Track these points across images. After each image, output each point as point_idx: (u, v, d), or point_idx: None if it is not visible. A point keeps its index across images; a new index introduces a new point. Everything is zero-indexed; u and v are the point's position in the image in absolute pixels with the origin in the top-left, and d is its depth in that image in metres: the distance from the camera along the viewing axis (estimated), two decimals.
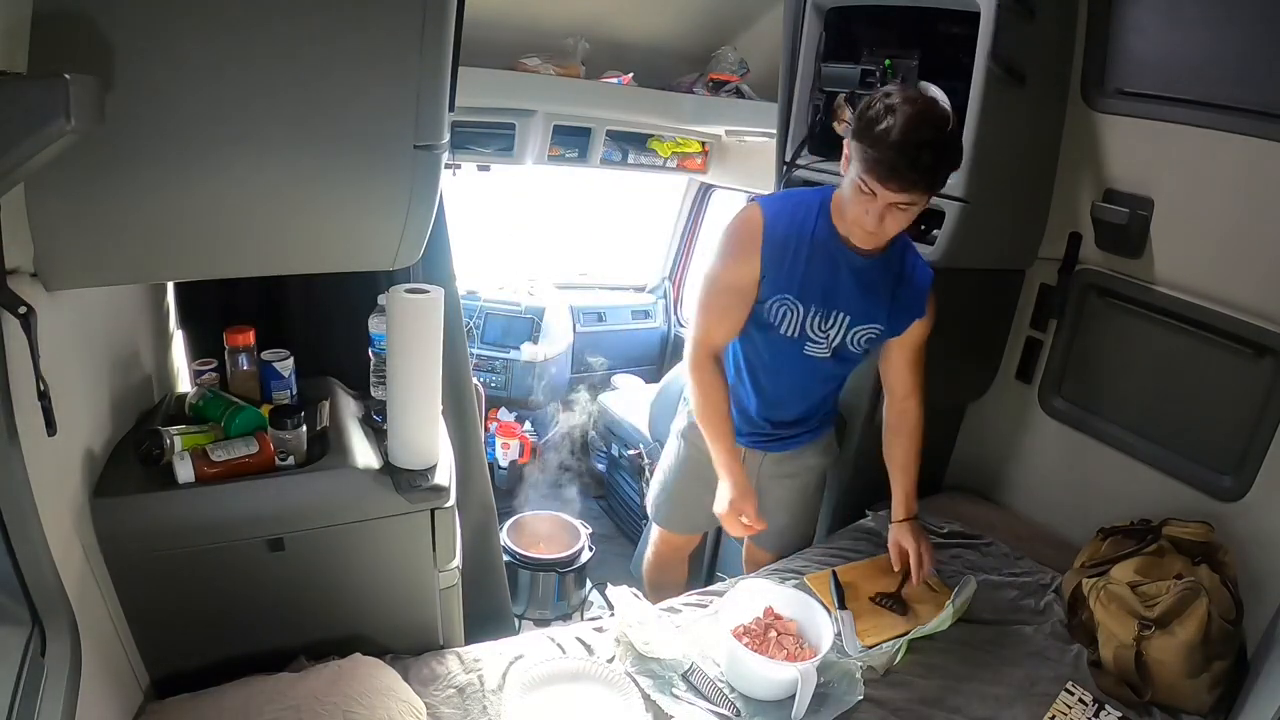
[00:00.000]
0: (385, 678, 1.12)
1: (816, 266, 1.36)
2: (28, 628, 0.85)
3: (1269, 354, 1.43)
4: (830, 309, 1.39)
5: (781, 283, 1.37)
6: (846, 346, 1.44)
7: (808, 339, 1.42)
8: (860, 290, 1.38)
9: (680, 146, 2.89)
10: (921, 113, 1.17)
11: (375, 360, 1.41)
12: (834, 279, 1.37)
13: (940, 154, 1.19)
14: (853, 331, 1.42)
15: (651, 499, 1.81)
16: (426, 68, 0.94)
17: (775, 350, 1.46)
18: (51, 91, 0.62)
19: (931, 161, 1.18)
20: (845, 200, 1.29)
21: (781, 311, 1.39)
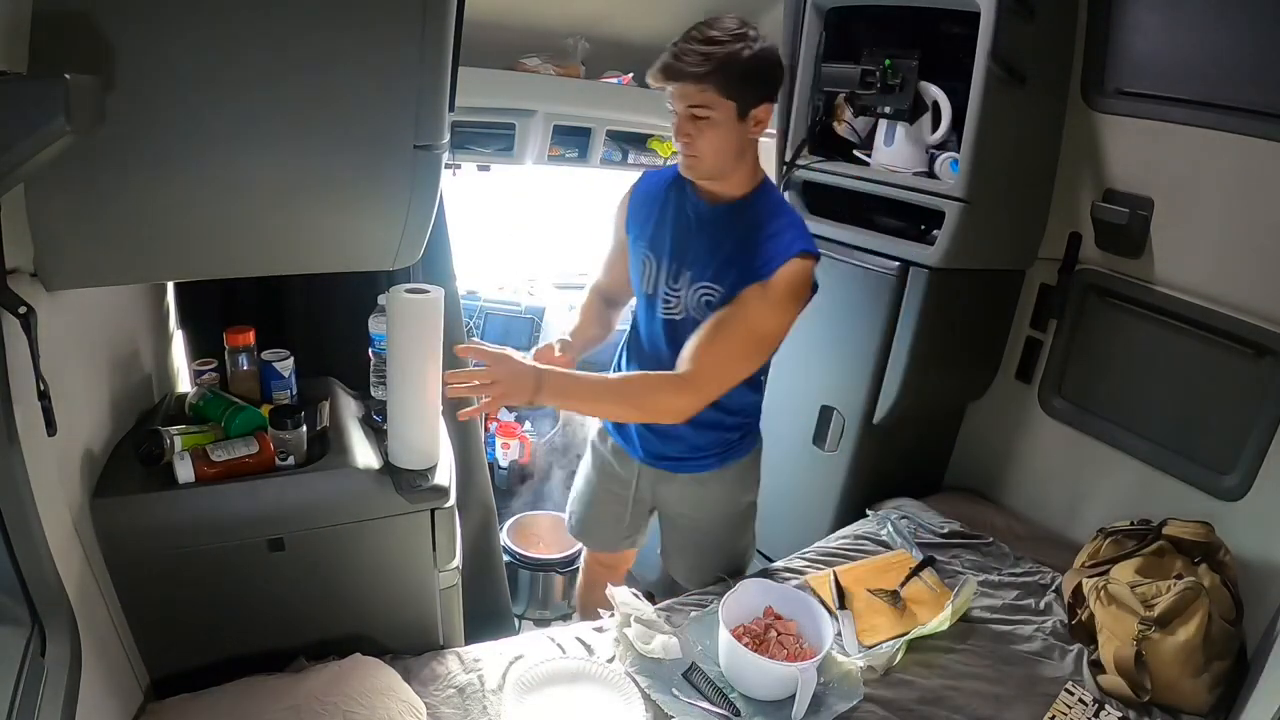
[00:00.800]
0: (385, 678, 1.12)
1: (669, 217, 1.34)
2: (28, 628, 0.85)
3: (1269, 354, 1.43)
4: (679, 267, 1.31)
5: (637, 234, 1.38)
6: (689, 310, 1.30)
7: (661, 298, 1.34)
8: (704, 241, 1.29)
9: None
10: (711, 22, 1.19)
11: (375, 360, 1.41)
12: (684, 234, 1.32)
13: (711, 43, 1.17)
14: (693, 289, 1.29)
15: (568, 512, 1.69)
16: (426, 68, 0.94)
17: (642, 309, 1.40)
18: (51, 91, 0.62)
19: (700, 48, 1.16)
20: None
21: (640, 263, 1.37)
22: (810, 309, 1.29)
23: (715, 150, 1.23)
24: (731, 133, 1.22)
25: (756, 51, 1.20)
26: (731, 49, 1.17)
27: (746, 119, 1.22)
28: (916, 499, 1.88)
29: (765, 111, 1.23)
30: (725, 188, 1.29)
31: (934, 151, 1.68)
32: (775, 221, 1.27)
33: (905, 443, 1.94)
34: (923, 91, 1.62)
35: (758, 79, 1.20)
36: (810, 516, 1.96)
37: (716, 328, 1.23)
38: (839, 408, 1.89)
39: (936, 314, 1.71)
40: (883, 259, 1.75)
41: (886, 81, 1.63)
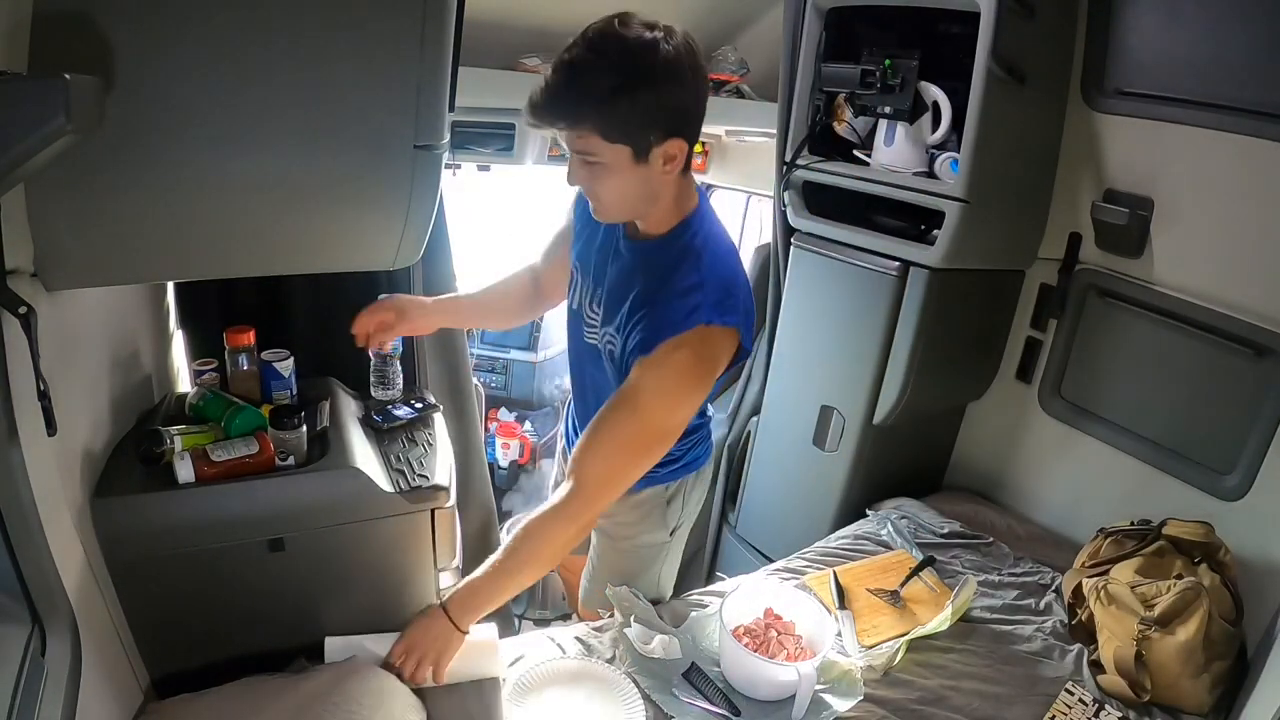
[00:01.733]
0: (385, 678, 1.12)
1: (599, 240, 1.21)
2: (28, 628, 0.85)
3: (1269, 354, 1.43)
4: (596, 291, 1.20)
5: (575, 242, 1.28)
6: (602, 345, 1.19)
7: (585, 319, 1.22)
8: (619, 276, 1.15)
9: None
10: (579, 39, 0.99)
11: (375, 360, 1.42)
12: (606, 256, 1.19)
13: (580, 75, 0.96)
14: (603, 330, 1.17)
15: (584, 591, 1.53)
16: (426, 68, 0.94)
17: (569, 328, 1.31)
18: (51, 91, 0.62)
19: (562, 83, 0.96)
20: None
21: (571, 276, 1.28)
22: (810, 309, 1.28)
23: (617, 197, 1.06)
24: (632, 178, 1.03)
25: (644, 81, 0.96)
26: (603, 82, 0.95)
27: (648, 161, 1.02)
28: (916, 499, 1.88)
29: (675, 147, 1.02)
30: (645, 225, 1.14)
31: (934, 151, 1.68)
32: (686, 276, 1.07)
33: (905, 443, 1.94)
34: (923, 91, 1.62)
35: (649, 118, 0.98)
36: (810, 516, 1.96)
37: (602, 424, 1.09)
38: (839, 408, 1.89)
39: (936, 314, 1.71)
40: (883, 259, 1.75)
41: (886, 81, 1.62)
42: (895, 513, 1.79)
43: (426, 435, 1.35)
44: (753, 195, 3.12)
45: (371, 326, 1.32)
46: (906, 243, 1.71)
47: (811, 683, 1.15)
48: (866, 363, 1.80)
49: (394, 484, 1.20)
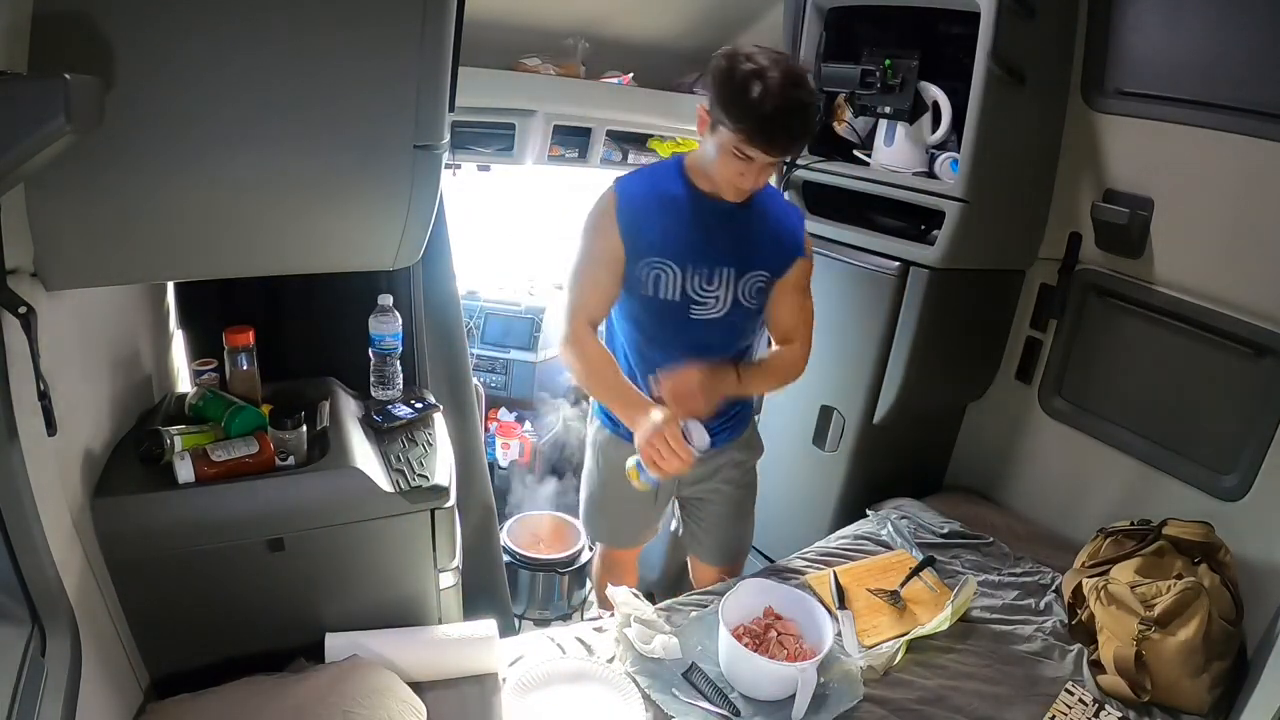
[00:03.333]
0: (385, 678, 1.12)
1: (683, 226, 1.34)
2: (28, 628, 0.85)
3: (1269, 354, 1.44)
4: (712, 266, 1.35)
5: (643, 247, 1.33)
6: (739, 302, 1.39)
7: (692, 301, 1.37)
8: (736, 239, 1.35)
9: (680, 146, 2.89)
10: (788, 75, 1.17)
11: (375, 360, 1.42)
12: (706, 235, 1.34)
13: (810, 111, 1.21)
14: (741, 283, 1.38)
15: (582, 516, 1.75)
16: (426, 68, 0.94)
17: (660, 320, 1.39)
18: (51, 91, 0.62)
19: (804, 121, 1.20)
20: (710, 163, 1.28)
21: (654, 275, 1.35)
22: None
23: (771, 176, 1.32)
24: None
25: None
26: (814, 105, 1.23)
27: None
28: (916, 499, 1.88)
29: None
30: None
31: (934, 151, 1.68)
32: (777, 202, 1.45)
33: (905, 443, 1.94)
34: (923, 91, 1.62)
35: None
36: (810, 516, 1.96)
37: (801, 302, 1.45)
38: (839, 408, 1.89)
39: (936, 314, 1.72)
40: (883, 259, 1.75)
41: (886, 81, 1.63)
42: (895, 513, 1.79)
43: (426, 435, 1.35)
44: None
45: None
46: (906, 242, 1.71)
47: (811, 683, 1.15)
48: (866, 362, 1.80)
49: (394, 484, 1.20)
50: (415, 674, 1.17)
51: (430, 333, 1.62)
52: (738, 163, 1.23)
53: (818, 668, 1.19)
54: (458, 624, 1.28)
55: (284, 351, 1.48)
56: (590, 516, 1.71)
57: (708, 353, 1.40)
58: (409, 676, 1.15)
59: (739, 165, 1.23)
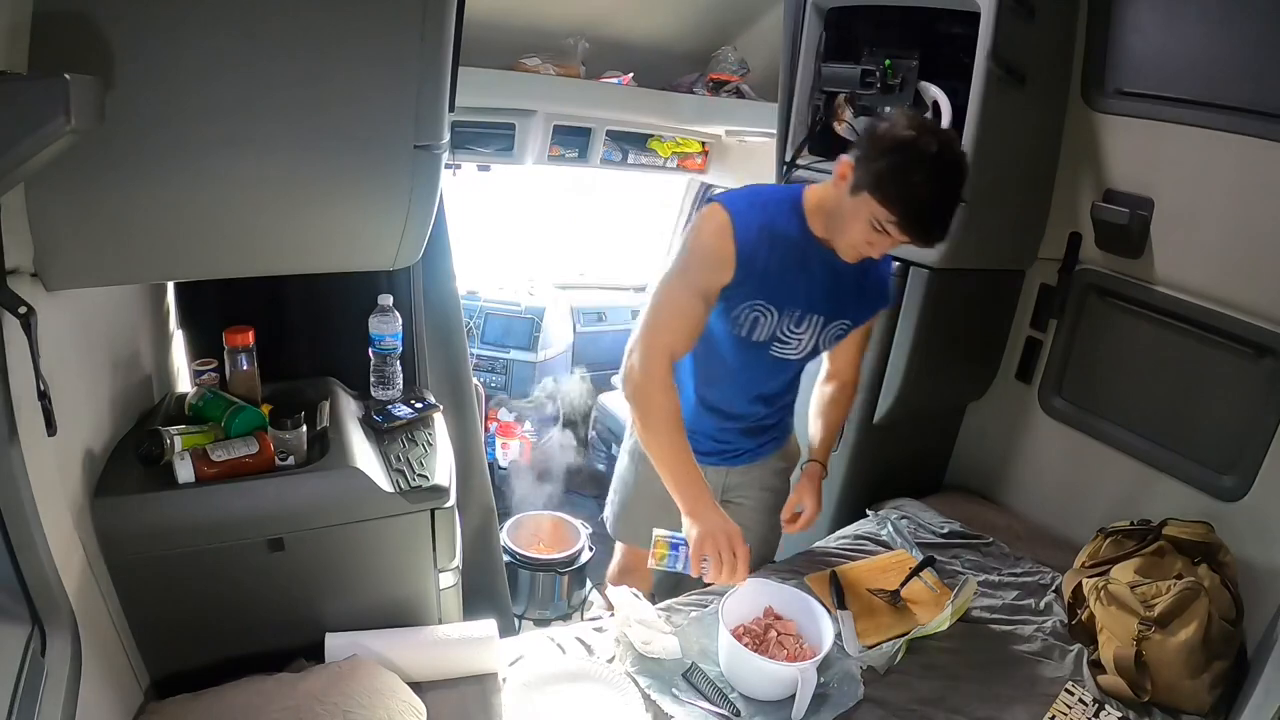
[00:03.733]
0: (385, 678, 1.12)
1: (791, 269, 1.29)
2: (28, 628, 0.85)
3: (1269, 354, 1.43)
4: (805, 311, 1.33)
5: (752, 288, 1.28)
6: (818, 347, 1.40)
7: (776, 340, 1.35)
8: (832, 289, 1.34)
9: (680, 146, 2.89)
10: (949, 165, 1.13)
11: (375, 360, 1.42)
12: (809, 281, 1.31)
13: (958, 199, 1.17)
14: (826, 330, 1.38)
15: (609, 516, 1.72)
16: (426, 68, 0.94)
17: (743, 356, 1.37)
18: (51, 91, 0.62)
19: (953, 209, 1.16)
20: (841, 218, 1.22)
21: (752, 317, 1.31)
22: None
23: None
24: None
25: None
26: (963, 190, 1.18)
27: None
28: (916, 499, 1.88)
29: None
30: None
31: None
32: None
33: (905, 443, 1.94)
34: (923, 91, 1.62)
35: None
36: None
37: (861, 338, 1.49)
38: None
39: (936, 314, 1.72)
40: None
41: (886, 81, 1.63)
42: (895, 513, 1.79)
43: (426, 435, 1.35)
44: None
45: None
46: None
47: (811, 683, 1.15)
48: (866, 362, 1.79)
49: (394, 484, 1.20)
50: (415, 674, 1.17)
51: (430, 333, 1.62)
52: (873, 234, 1.18)
53: (818, 668, 1.19)
54: (458, 624, 1.28)
55: (284, 351, 1.48)
56: (619, 518, 1.69)
57: (766, 386, 1.44)
58: (409, 676, 1.15)
59: (873, 236, 1.19)
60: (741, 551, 1.23)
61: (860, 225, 1.19)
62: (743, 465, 1.55)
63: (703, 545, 1.23)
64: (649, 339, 1.27)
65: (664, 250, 3.56)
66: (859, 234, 1.20)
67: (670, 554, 1.26)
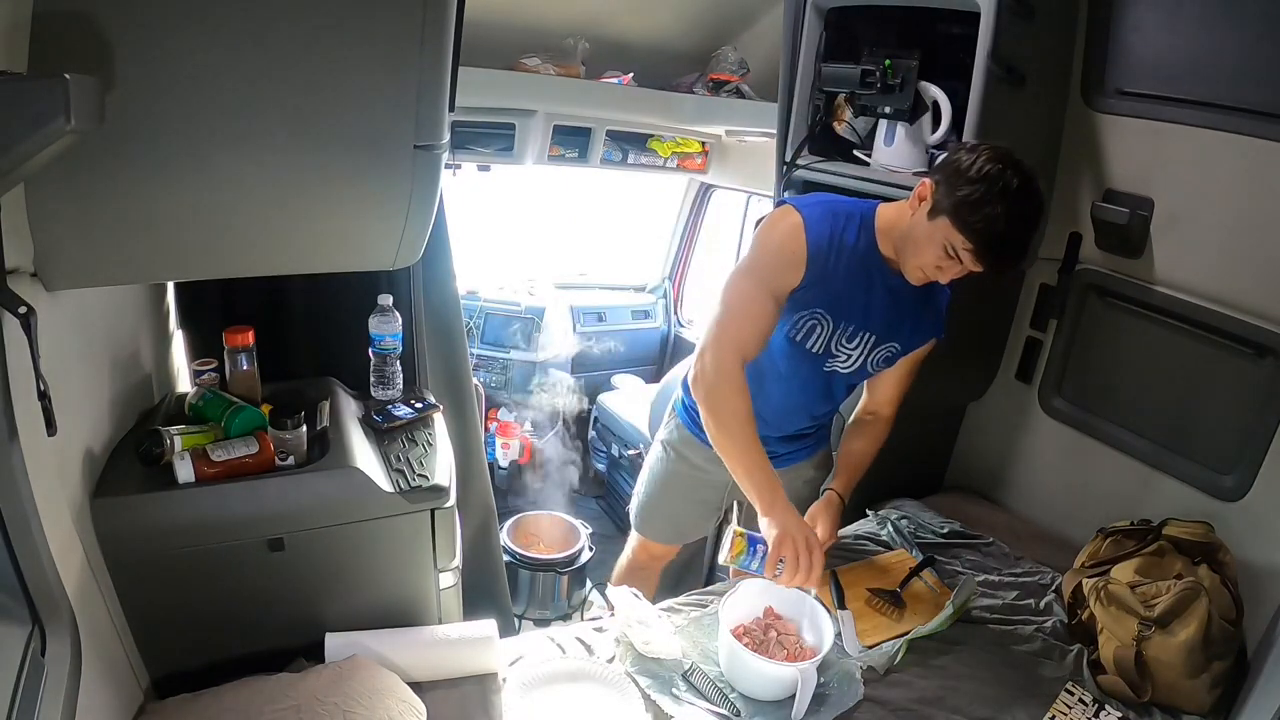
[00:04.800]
0: (385, 678, 1.12)
1: (854, 283, 1.31)
2: (28, 628, 0.85)
3: (1269, 354, 1.43)
4: (859, 327, 1.35)
5: (815, 296, 1.30)
6: (865, 367, 1.41)
7: (830, 354, 1.38)
8: (889, 310, 1.35)
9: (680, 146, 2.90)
10: (1030, 201, 1.15)
11: (375, 360, 1.42)
12: (868, 297, 1.33)
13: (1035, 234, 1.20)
14: (875, 351, 1.39)
15: (635, 507, 1.75)
16: (426, 68, 0.94)
17: (795, 364, 1.39)
18: (51, 91, 0.62)
19: (1029, 243, 1.18)
20: (911, 242, 1.24)
21: (810, 325, 1.33)
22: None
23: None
24: None
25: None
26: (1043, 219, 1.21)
27: None
28: (916, 499, 1.88)
29: None
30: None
31: (934, 151, 1.68)
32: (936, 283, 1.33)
33: (905, 443, 1.94)
34: (923, 91, 1.62)
35: None
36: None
37: (909, 375, 1.48)
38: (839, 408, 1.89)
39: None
40: None
41: (886, 81, 1.63)
42: (895, 513, 1.79)
43: (426, 435, 1.35)
44: (753, 195, 3.13)
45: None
46: None
47: (811, 683, 1.15)
48: None
49: (394, 484, 1.20)
50: (415, 674, 1.17)
51: (430, 333, 1.62)
52: (945, 259, 1.19)
53: (818, 668, 1.19)
54: (458, 624, 1.28)
55: (284, 351, 1.49)
56: (643, 511, 1.71)
57: (813, 397, 1.45)
58: (409, 676, 1.15)
59: (945, 261, 1.20)
60: (818, 555, 1.25)
61: (934, 249, 1.20)
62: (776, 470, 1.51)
63: (781, 546, 1.24)
64: (720, 337, 1.28)
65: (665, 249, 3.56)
66: (931, 257, 1.21)
67: (748, 550, 1.25)
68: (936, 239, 1.19)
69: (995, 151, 1.17)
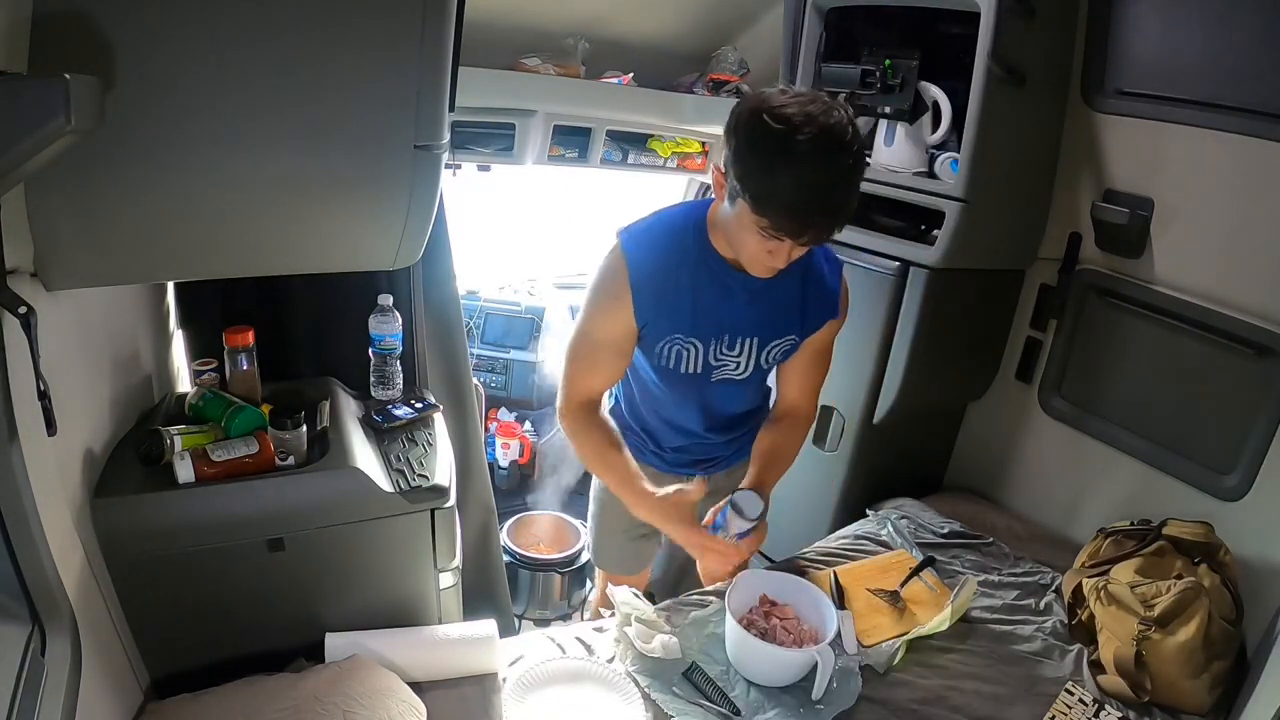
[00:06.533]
0: (385, 678, 1.12)
1: (705, 296, 1.20)
2: (28, 628, 0.85)
3: (1269, 354, 1.43)
4: (735, 335, 1.24)
5: (666, 325, 1.21)
6: (761, 366, 1.31)
7: (713, 369, 1.28)
8: (762, 310, 1.23)
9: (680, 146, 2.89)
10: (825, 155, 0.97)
11: (375, 360, 1.42)
12: (729, 305, 1.21)
13: (853, 183, 1.01)
14: (765, 350, 1.28)
15: (589, 547, 1.72)
16: (426, 68, 0.94)
17: (681, 387, 1.31)
18: (51, 91, 0.62)
19: (845, 199, 1.01)
20: (733, 232, 1.11)
21: (675, 352, 1.24)
22: None
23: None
24: None
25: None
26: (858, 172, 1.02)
27: None
28: (916, 499, 1.88)
29: None
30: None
31: (934, 151, 1.68)
32: (814, 256, 1.23)
33: (905, 443, 1.94)
34: (923, 91, 1.62)
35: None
36: (810, 516, 1.96)
37: (815, 365, 1.34)
38: (839, 408, 1.89)
39: (936, 314, 1.71)
40: (883, 259, 1.75)
41: (886, 81, 1.63)
42: (895, 513, 1.79)
43: (426, 435, 1.35)
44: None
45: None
46: (906, 243, 1.71)
47: (830, 663, 1.16)
48: (866, 363, 1.80)
49: (394, 484, 1.20)
50: (415, 674, 1.17)
51: (430, 333, 1.62)
52: (765, 241, 1.05)
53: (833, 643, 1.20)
54: (458, 624, 1.28)
55: (284, 351, 1.49)
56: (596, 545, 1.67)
57: (722, 407, 1.37)
58: (409, 676, 1.15)
59: (767, 244, 1.05)
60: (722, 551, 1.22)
61: (751, 236, 1.06)
62: (722, 472, 1.51)
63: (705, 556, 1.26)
64: (566, 393, 1.29)
65: None
66: (754, 245, 1.07)
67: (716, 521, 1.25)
68: (747, 224, 1.04)
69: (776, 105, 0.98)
